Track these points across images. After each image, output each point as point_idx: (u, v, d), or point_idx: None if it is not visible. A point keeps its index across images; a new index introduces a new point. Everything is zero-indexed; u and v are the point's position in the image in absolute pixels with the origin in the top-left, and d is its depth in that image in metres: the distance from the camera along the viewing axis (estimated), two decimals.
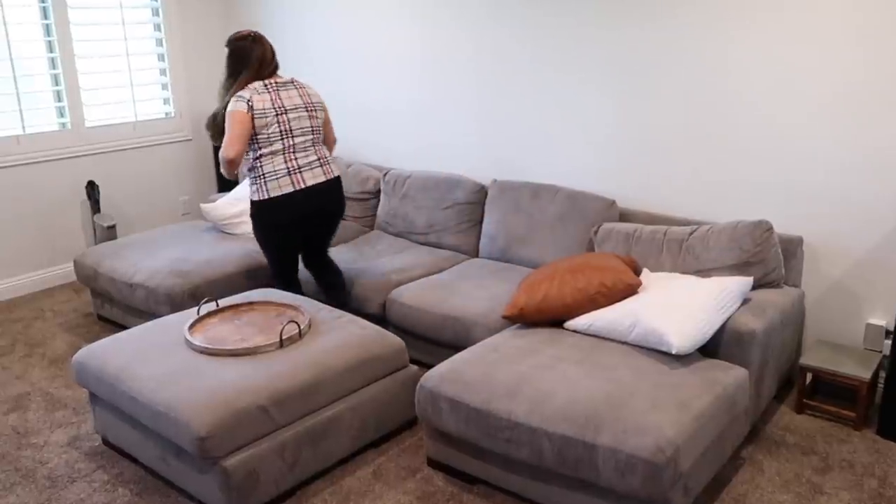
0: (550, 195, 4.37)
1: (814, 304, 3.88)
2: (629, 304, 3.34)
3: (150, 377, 3.05)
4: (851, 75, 3.54)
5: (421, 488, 3.17)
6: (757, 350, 3.26)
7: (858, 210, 3.65)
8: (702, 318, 3.16)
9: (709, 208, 4.09)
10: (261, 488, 2.96)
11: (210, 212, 4.98)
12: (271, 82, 3.86)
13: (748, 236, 3.60)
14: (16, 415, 3.78)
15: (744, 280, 3.42)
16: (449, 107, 5.04)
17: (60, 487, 3.20)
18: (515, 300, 3.53)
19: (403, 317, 4.04)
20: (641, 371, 3.02)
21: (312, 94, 3.99)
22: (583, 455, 2.68)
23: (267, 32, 5.93)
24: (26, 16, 5.17)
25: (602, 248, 4.02)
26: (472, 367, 3.10)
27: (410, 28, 5.10)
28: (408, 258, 4.55)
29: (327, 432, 3.18)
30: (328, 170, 3.98)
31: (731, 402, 2.99)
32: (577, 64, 4.37)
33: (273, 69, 3.93)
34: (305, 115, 3.92)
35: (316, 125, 3.97)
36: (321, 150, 4.00)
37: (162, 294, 4.21)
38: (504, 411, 2.85)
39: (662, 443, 2.58)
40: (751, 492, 3.12)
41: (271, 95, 3.81)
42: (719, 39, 3.85)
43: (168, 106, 6.05)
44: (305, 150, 3.91)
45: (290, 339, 3.31)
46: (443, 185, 4.80)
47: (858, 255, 3.70)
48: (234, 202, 5.00)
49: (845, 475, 3.22)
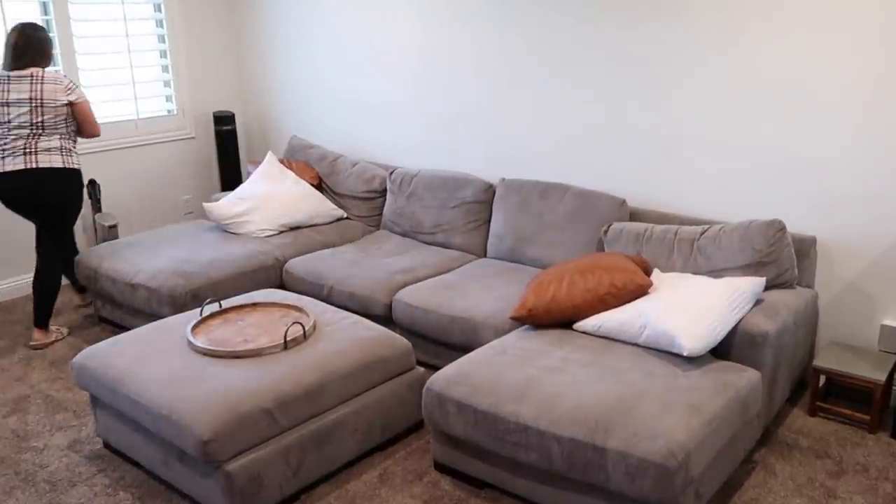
0: (559, 194, 4.35)
1: (827, 305, 3.86)
2: (640, 305, 3.34)
3: (152, 379, 3.05)
4: (868, 72, 3.51)
5: (428, 492, 3.16)
6: (770, 352, 3.25)
7: (873, 209, 3.63)
8: (714, 319, 3.15)
9: (720, 207, 4.07)
10: (264, 493, 2.95)
11: (213, 211, 4.95)
12: (5, 75, 4.32)
13: (761, 236, 3.57)
14: (16, 417, 3.77)
15: (756, 280, 3.41)
16: (456, 104, 5.02)
17: (61, 491, 3.20)
18: (524, 301, 3.52)
19: (410, 318, 4.02)
20: (652, 373, 3.02)
21: (48, 91, 4.31)
22: (592, 459, 2.67)
23: (271, 28, 5.93)
24: (26, 11, 5.15)
25: (612, 247, 4.01)
26: (480, 370, 3.10)
27: (417, 26, 5.08)
28: (414, 258, 4.54)
29: (332, 436, 3.17)
30: (31, 160, 4.31)
31: (743, 405, 2.99)
32: (586, 62, 4.35)
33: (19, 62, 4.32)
34: (27, 110, 4.28)
35: (37, 120, 4.29)
36: (37, 141, 4.32)
37: (164, 295, 4.20)
38: (512, 414, 2.85)
39: (674, 447, 2.57)
40: (763, 496, 3.10)
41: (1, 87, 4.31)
42: (732, 37, 3.83)
43: (170, 103, 6.02)
44: (16, 140, 4.29)
45: (294, 340, 3.30)
46: (450, 184, 4.77)
47: (873, 255, 3.68)
48: (238, 201, 4.97)
49: (859, 479, 3.21)
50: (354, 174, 5.24)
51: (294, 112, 6.03)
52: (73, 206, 4.52)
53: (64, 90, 4.34)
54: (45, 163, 4.33)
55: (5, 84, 4.28)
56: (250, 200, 5.00)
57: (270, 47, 6.03)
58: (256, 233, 4.89)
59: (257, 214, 4.94)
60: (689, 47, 3.97)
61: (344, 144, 5.70)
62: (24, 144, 4.29)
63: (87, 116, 4.46)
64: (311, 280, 4.43)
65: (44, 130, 4.32)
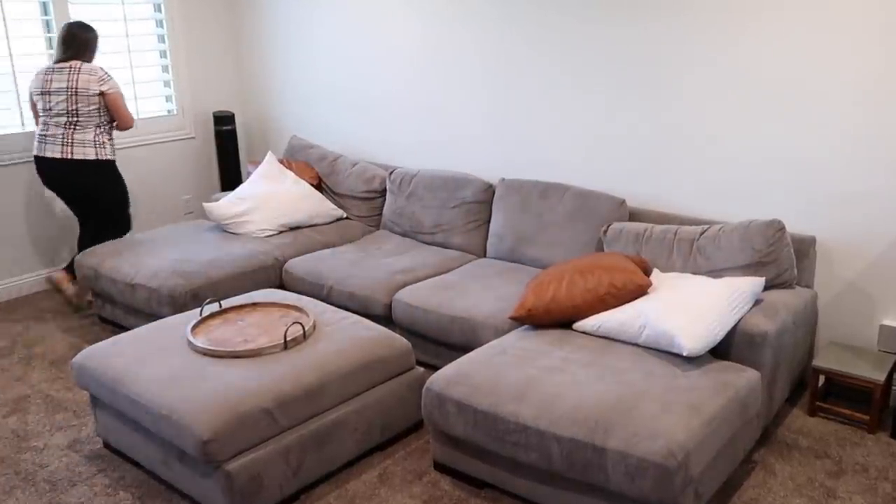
0: (559, 194, 4.35)
1: (827, 305, 3.87)
2: (639, 305, 3.34)
3: (152, 379, 3.06)
4: (867, 72, 3.52)
5: (427, 492, 3.16)
6: (769, 352, 3.26)
7: (872, 209, 3.64)
8: (713, 319, 3.16)
9: (720, 207, 4.07)
10: (264, 493, 2.96)
11: (213, 211, 4.96)
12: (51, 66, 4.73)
13: (760, 236, 3.58)
14: (15, 417, 3.78)
15: (756, 280, 3.41)
16: (456, 105, 5.03)
17: (61, 491, 3.20)
18: (523, 301, 3.53)
19: (410, 318, 4.03)
20: (652, 373, 3.03)
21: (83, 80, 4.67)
22: (592, 459, 2.68)
23: (271, 28, 5.95)
24: (27, 12, 5.16)
25: (611, 248, 4.01)
26: (480, 370, 3.10)
27: (417, 26, 5.09)
28: (414, 258, 4.55)
29: (332, 435, 3.18)
30: (67, 150, 4.70)
31: (743, 405, 2.99)
32: (587, 62, 4.36)
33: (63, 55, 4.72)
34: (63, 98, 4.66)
35: (72, 108, 4.67)
36: (73, 132, 4.71)
37: (164, 295, 4.21)
38: (512, 414, 2.85)
39: (673, 447, 2.58)
40: (763, 496, 3.11)
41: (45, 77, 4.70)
42: (732, 37, 3.84)
43: (170, 103, 6.03)
44: (56, 128, 4.70)
45: (294, 340, 3.31)
46: (450, 184, 4.78)
47: (872, 255, 3.68)
48: (238, 201, 4.98)
49: (859, 479, 3.22)
50: (354, 174, 5.25)
51: (294, 112, 6.04)
52: (107, 195, 4.90)
53: (97, 80, 4.68)
54: (80, 154, 4.72)
55: (50, 74, 4.69)
56: (250, 200, 5.00)
57: (270, 47, 6.04)
58: (256, 233, 4.90)
59: (257, 214, 4.95)
60: (689, 47, 3.97)
61: (344, 144, 5.71)
62: (63, 133, 4.69)
63: (119, 108, 4.78)
64: (311, 280, 4.43)
65: (79, 119, 4.68)
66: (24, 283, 5.38)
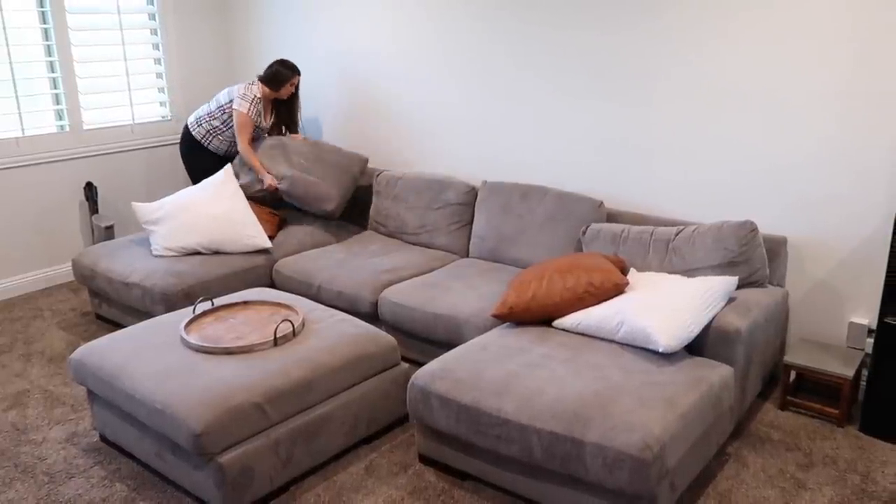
0: (540, 196, 4.40)
1: (798, 303, 3.91)
2: (617, 304, 3.37)
3: (147, 375, 3.07)
4: (835, 80, 3.57)
5: (412, 483, 3.19)
6: (742, 348, 3.29)
7: (841, 211, 3.69)
8: (688, 317, 3.19)
9: (695, 209, 4.12)
10: (255, 484, 2.98)
11: (136, 211, 4.67)
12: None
13: (733, 237, 3.63)
14: (15, 412, 3.80)
15: (729, 280, 3.44)
16: (439, 109, 5.07)
17: (59, 483, 3.23)
18: (505, 299, 3.55)
19: (395, 315, 4.06)
20: (629, 369, 3.05)
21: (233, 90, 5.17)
22: (571, 452, 2.70)
23: (262, 36, 5.97)
24: (26, 20, 5.19)
25: (590, 248, 4.04)
26: (463, 365, 3.13)
27: (399, 30, 5.13)
28: (399, 258, 4.57)
29: (321, 429, 3.20)
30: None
31: (716, 400, 3.02)
32: (566, 66, 4.41)
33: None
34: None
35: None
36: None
37: (157, 293, 4.23)
38: (494, 408, 2.87)
39: (649, 440, 2.60)
40: (736, 487, 3.15)
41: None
42: (705, 45, 3.89)
43: (165, 109, 6.07)
44: None
45: (284, 337, 3.33)
46: (434, 187, 4.83)
47: (842, 255, 3.73)
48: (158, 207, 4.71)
49: (828, 471, 3.26)
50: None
51: None
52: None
53: (236, 93, 5.11)
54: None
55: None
56: (169, 208, 4.67)
57: (262, 55, 6.07)
58: (157, 250, 4.56)
59: (165, 226, 4.60)
60: (664, 54, 4.02)
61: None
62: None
63: (235, 125, 5.10)
64: (301, 279, 4.47)
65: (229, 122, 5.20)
66: (25, 283, 5.41)
